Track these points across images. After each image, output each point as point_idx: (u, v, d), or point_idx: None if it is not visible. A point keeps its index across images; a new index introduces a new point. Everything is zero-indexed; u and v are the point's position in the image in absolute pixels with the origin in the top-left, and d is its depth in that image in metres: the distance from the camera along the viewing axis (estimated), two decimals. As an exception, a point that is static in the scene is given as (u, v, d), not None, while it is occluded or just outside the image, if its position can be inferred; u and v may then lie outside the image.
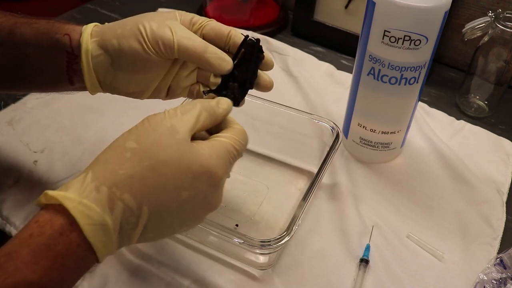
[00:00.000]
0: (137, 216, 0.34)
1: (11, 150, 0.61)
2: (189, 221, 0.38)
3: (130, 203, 0.33)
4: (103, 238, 0.33)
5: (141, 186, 0.34)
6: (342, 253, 0.52)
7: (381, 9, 0.50)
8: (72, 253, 0.32)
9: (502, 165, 0.64)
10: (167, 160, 0.34)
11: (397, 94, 0.56)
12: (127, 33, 0.41)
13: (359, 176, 0.61)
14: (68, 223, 0.32)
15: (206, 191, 0.36)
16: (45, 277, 0.30)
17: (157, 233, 0.36)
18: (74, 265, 0.32)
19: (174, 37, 0.40)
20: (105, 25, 0.44)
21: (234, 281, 0.49)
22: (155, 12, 0.45)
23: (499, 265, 0.50)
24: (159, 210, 0.34)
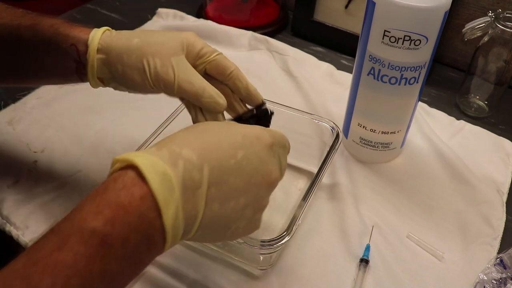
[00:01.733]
0: (199, 171, 0.34)
1: (11, 150, 0.61)
2: (251, 190, 0.37)
3: (190, 156, 0.34)
4: (166, 193, 0.32)
5: (199, 142, 0.35)
6: (342, 253, 0.52)
7: (381, 9, 0.50)
8: (135, 208, 0.31)
9: (502, 165, 0.64)
10: (217, 123, 0.39)
11: (397, 94, 0.56)
12: (131, 63, 0.43)
13: (359, 176, 0.61)
14: (131, 177, 0.32)
15: (259, 152, 0.37)
16: (107, 227, 0.30)
17: (222, 201, 0.35)
18: (136, 222, 0.31)
19: (175, 80, 0.42)
20: (112, 39, 0.44)
21: (234, 281, 0.49)
22: (161, 35, 0.44)
23: (499, 265, 0.50)
24: (219, 167, 0.35)
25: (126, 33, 0.45)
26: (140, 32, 0.45)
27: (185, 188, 0.33)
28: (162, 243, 0.33)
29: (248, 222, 0.38)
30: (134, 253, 0.31)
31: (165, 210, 0.32)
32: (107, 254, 0.30)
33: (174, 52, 0.43)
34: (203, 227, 0.35)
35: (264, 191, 0.38)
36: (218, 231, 0.37)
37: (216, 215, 0.35)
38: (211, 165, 0.34)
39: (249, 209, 0.37)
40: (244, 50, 0.83)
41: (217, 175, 0.34)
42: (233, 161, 0.36)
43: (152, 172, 0.32)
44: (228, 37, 0.83)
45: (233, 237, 0.39)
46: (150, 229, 0.32)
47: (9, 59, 0.49)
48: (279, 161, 0.40)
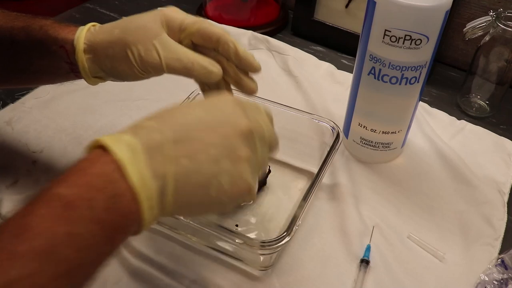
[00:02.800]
0: (160, 132, 0.34)
1: (10, 150, 0.61)
2: (221, 140, 0.35)
3: (150, 123, 0.34)
4: (127, 154, 0.32)
5: (159, 113, 0.36)
6: (342, 253, 0.52)
7: (382, 9, 0.50)
8: (97, 171, 0.31)
9: (504, 165, 0.64)
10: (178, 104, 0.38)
11: (398, 94, 0.55)
12: (117, 56, 0.44)
13: (359, 176, 0.60)
14: (97, 152, 0.33)
15: (221, 107, 0.37)
16: (69, 189, 0.30)
17: (191, 155, 0.34)
18: (100, 183, 0.31)
19: (162, 61, 0.43)
20: (95, 36, 0.45)
21: (234, 281, 0.49)
22: (140, 19, 0.45)
23: (500, 265, 0.50)
24: (180, 124, 0.35)
25: (108, 26, 0.45)
26: (121, 21, 0.45)
27: (148, 148, 0.33)
28: (136, 207, 0.32)
29: (230, 176, 0.35)
30: (104, 216, 0.31)
31: (128, 168, 0.32)
32: (71, 216, 0.29)
33: (154, 34, 0.43)
34: (180, 187, 0.34)
35: (237, 141, 0.36)
36: (200, 190, 0.35)
37: (189, 171, 0.34)
38: (171, 124, 0.35)
39: (225, 161, 0.35)
40: (244, 50, 0.82)
41: (179, 132, 0.34)
42: (192, 117, 0.36)
43: (113, 141, 0.33)
44: (228, 37, 0.83)
45: (221, 196, 0.36)
46: (117, 189, 0.31)
47: (5, 61, 0.49)
48: (251, 116, 0.38)
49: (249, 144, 0.36)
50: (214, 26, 0.44)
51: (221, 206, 0.37)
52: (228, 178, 0.35)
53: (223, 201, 0.36)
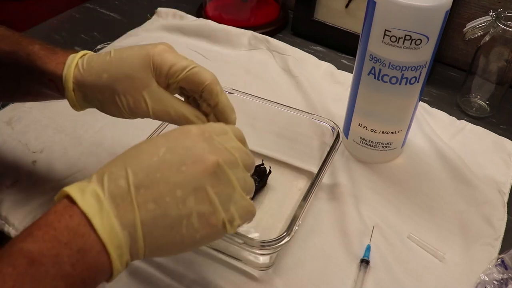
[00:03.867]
0: (124, 177, 0.34)
1: (10, 150, 0.61)
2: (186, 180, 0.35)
3: (114, 169, 0.34)
4: (93, 205, 0.32)
5: (122, 156, 0.36)
6: (342, 253, 0.52)
7: (382, 9, 0.50)
8: (64, 225, 0.31)
9: (504, 165, 0.64)
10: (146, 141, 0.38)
11: (398, 94, 0.55)
12: (106, 100, 0.44)
13: (359, 176, 0.60)
14: (63, 203, 0.33)
15: (184, 143, 0.36)
16: (34, 245, 0.30)
17: (156, 198, 0.34)
18: (66, 238, 0.31)
19: (150, 111, 0.43)
20: (84, 77, 0.44)
21: (234, 281, 0.49)
22: (129, 66, 0.43)
23: (500, 265, 0.50)
24: (143, 167, 0.34)
25: (96, 66, 0.44)
26: (108, 63, 0.43)
27: (113, 197, 0.33)
28: (107, 259, 0.32)
29: (200, 215, 0.35)
30: (71, 271, 0.31)
31: (95, 220, 0.32)
32: (36, 273, 0.29)
33: (143, 85, 0.43)
34: (149, 232, 0.34)
35: (204, 177, 0.35)
36: (170, 233, 0.34)
37: (156, 215, 0.34)
38: (134, 168, 0.34)
39: (193, 200, 0.35)
40: (244, 50, 0.82)
41: (142, 176, 0.34)
42: (156, 158, 0.35)
43: (79, 193, 0.33)
44: (228, 37, 0.83)
45: (193, 234, 0.35)
46: (84, 243, 0.31)
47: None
48: (217, 146, 0.37)
49: (218, 178, 0.36)
50: (202, 74, 0.43)
51: (195, 244, 0.36)
52: (197, 216, 0.35)
53: (196, 240, 0.35)
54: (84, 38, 0.84)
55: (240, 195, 0.37)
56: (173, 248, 0.36)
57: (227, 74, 0.76)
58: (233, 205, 0.37)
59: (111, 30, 0.85)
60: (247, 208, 0.38)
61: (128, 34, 0.84)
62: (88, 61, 0.44)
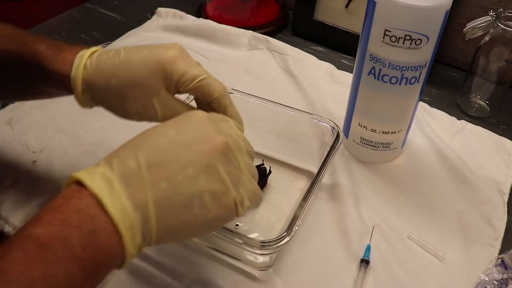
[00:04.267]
0: (134, 159, 0.33)
1: (10, 150, 0.61)
2: (197, 158, 0.35)
3: (123, 152, 0.34)
4: (104, 186, 0.32)
5: (132, 140, 0.36)
6: (342, 253, 0.52)
7: (382, 9, 0.50)
8: (73, 207, 0.31)
9: (504, 165, 0.64)
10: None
11: (398, 94, 0.55)
12: (114, 104, 0.44)
13: (359, 176, 0.60)
14: (72, 188, 0.32)
15: (192, 124, 0.36)
16: (43, 229, 0.30)
17: (168, 177, 0.33)
18: (76, 220, 0.30)
19: (159, 117, 0.43)
20: (93, 80, 0.43)
21: (234, 281, 0.49)
22: (139, 71, 0.42)
23: (500, 265, 0.50)
24: (153, 148, 0.34)
25: (105, 69, 0.42)
26: (118, 67, 0.42)
27: (123, 177, 0.32)
28: (117, 240, 0.32)
29: (212, 194, 0.35)
30: (82, 254, 0.30)
31: (105, 200, 0.31)
32: (46, 257, 0.29)
33: (153, 92, 0.42)
34: (162, 211, 0.33)
35: (214, 156, 0.35)
36: (183, 213, 0.34)
37: (169, 194, 0.33)
38: (144, 150, 0.34)
39: (204, 178, 0.34)
40: (244, 50, 0.82)
41: (153, 155, 0.34)
42: (165, 139, 0.35)
43: (88, 175, 0.32)
44: (228, 37, 0.83)
45: (206, 214, 0.35)
46: (94, 225, 0.31)
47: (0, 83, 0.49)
48: (223, 130, 0.38)
49: (227, 158, 0.36)
50: (211, 86, 0.43)
51: (207, 226, 0.36)
52: (210, 195, 0.35)
53: (208, 220, 0.35)
54: (84, 38, 0.84)
55: (248, 178, 0.37)
56: (186, 230, 0.35)
57: (227, 74, 0.76)
58: (242, 187, 0.37)
59: (111, 30, 0.85)
60: (255, 191, 0.38)
61: (128, 34, 0.84)
62: (97, 62, 0.43)
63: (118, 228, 0.31)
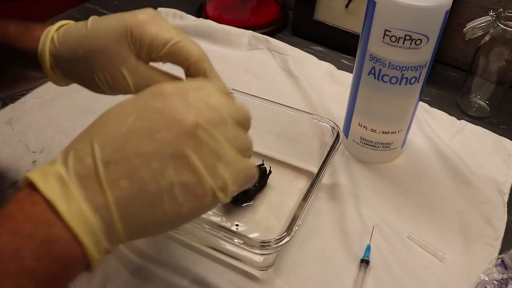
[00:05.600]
0: (90, 155, 0.30)
1: (10, 150, 0.61)
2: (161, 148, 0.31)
3: (79, 145, 0.31)
4: (58, 190, 0.29)
5: (88, 129, 0.32)
6: (342, 253, 0.52)
7: (382, 9, 0.50)
8: (25, 214, 0.28)
9: (504, 165, 0.64)
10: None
11: (398, 94, 0.55)
12: (85, 76, 0.41)
13: (359, 176, 0.60)
14: (25, 191, 0.30)
15: (156, 105, 0.32)
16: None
17: (129, 174, 0.30)
18: (28, 230, 0.28)
19: (131, 86, 0.40)
20: (59, 52, 0.41)
21: (234, 281, 0.49)
22: (103, 38, 0.39)
23: (500, 265, 0.50)
24: (110, 140, 0.31)
25: (71, 40, 0.40)
26: (84, 36, 0.40)
27: (80, 178, 0.29)
28: (79, 249, 0.29)
29: (183, 186, 0.31)
30: (36, 266, 0.27)
31: (60, 206, 0.28)
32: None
33: (121, 60, 0.39)
34: (126, 212, 0.30)
35: (183, 143, 0.31)
36: (151, 211, 0.31)
37: (132, 193, 0.30)
38: (101, 142, 0.30)
39: (171, 170, 0.30)
40: (244, 50, 0.82)
41: (110, 150, 0.30)
42: (124, 128, 0.31)
43: (41, 177, 0.29)
44: (228, 37, 0.83)
45: (178, 209, 0.31)
46: (49, 233, 0.28)
47: None
48: (196, 104, 0.32)
49: (200, 141, 0.31)
50: (187, 49, 0.39)
51: (182, 220, 0.33)
52: (180, 188, 0.31)
53: (182, 215, 0.32)
54: (84, 38, 0.84)
55: (232, 157, 0.32)
56: (158, 227, 0.32)
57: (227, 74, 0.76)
58: (225, 170, 0.32)
59: (111, 30, 0.85)
60: (244, 171, 0.33)
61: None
62: (64, 34, 0.41)
63: (78, 235, 0.29)
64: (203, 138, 0.31)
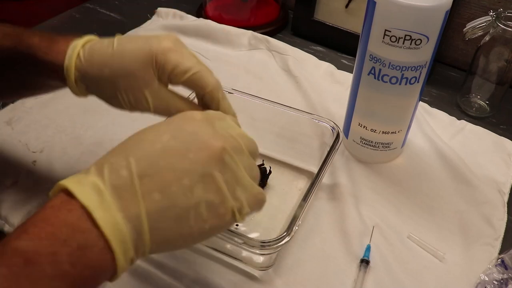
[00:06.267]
0: (125, 167, 0.32)
1: (10, 150, 0.61)
2: (193, 167, 0.33)
3: (114, 159, 0.33)
4: (95, 198, 0.30)
5: (123, 145, 0.34)
6: (342, 253, 0.52)
7: (382, 9, 0.50)
8: (62, 220, 0.29)
9: (504, 165, 0.64)
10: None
11: (398, 94, 0.55)
12: (108, 94, 0.43)
13: (359, 176, 0.60)
14: (61, 198, 0.31)
15: (188, 129, 0.35)
16: (30, 243, 0.28)
17: (162, 188, 0.32)
18: (65, 235, 0.29)
19: (151, 108, 0.42)
20: (85, 69, 0.42)
21: (234, 281, 0.49)
22: (132, 61, 0.41)
23: (500, 265, 0.50)
24: (146, 155, 0.33)
25: (98, 59, 0.42)
26: (110, 57, 0.42)
27: (115, 188, 0.31)
28: (109, 256, 0.30)
29: (208, 204, 0.33)
30: (70, 271, 0.29)
31: (96, 214, 0.30)
32: (33, 273, 0.27)
33: (145, 83, 0.41)
34: (156, 224, 0.32)
35: (211, 164, 0.33)
36: (178, 225, 0.33)
37: (163, 206, 0.32)
38: (137, 156, 0.32)
39: (200, 188, 0.33)
40: (244, 50, 0.82)
41: (145, 164, 0.32)
42: (159, 145, 0.33)
43: (77, 185, 0.31)
44: (228, 37, 0.83)
45: (202, 225, 0.34)
46: (85, 239, 0.29)
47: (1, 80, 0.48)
48: (222, 132, 0.36)
49: (225, 165, 0.34)
50: (204, 79, 0.42)
51: (203, 236, 0.35)
52: (206, 206, 0.33)
53: (204, 231, 0.34)
54: (84, 38, 0.84)
55: (249, 182, 0.36)
56: (181, 241, 0.34)
57: (227, 74, 0.76)
58: (242, 193, 0.35)
59: (111, 30, 0.85)
60: (256, 196, 0.37)
61: (128, 34, 0.84)
62: (90, 51, 0.43)
63: (110, 243, 0.30)
64: (228, 163, 0.34)
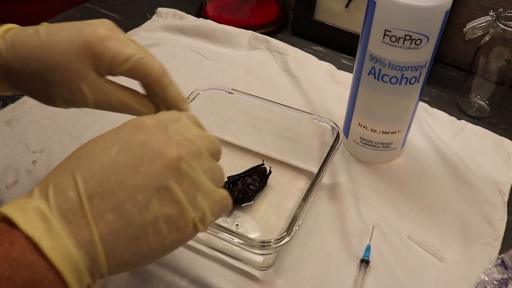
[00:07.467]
0: (73, 188, 0.29)
1: (10, 150, 0.61)
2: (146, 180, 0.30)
3: (60, 179, 0.30)
4: (41, 226, 0.27)
5: (69, 160, 0.32)
6: (342, 253, 0.52)
7: (382, 9, 0.50)
8: (4, 255, 0.27)
9: (504, 165, 0.64)
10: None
11: (398, 94, 0.55)
12: (37, 91, 0.39)
13: (359, 176, 0.60)
14: (1, 227, 0.28)
15: (139, 138, 0.32)
16: None
17: (114, 207, 0.29)
18: (9, 272, 0.26)
19: (89, 102, 0.39)
20: (7, 62, 0.38)
21: (234, 281, 0.49)
22: (63, 52, 0.37)
23: (500, 265, 0.50)
24: (94, 173, 0.30)
25: (23, 51, 0.37)
26: (38, 48, 0.37)
27: (63, 212, 0.28)
28: (62, 287, 0.28)
29: (166, 219, 0.31)
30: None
31: (44, 244, 0.27)
32: None
33: (80, 76, 0.37)
34: (111, 247, 0.29)
35: (166, 175, 0.31)
36: (136, 244, 0.30)
37: (117, 226, 0.29)
38: (84, 174, 0.30)
39: (155, 203, 0.30)
40: (244, 50, 0.82)
41: (94, 183, 0.30)
42: (108, 160, 0.30)
43: (19, 212, 0.28)
44: (228, 37, 0.83)
45: (162, 241, 0.31)
46: (32, 274, 0.26)
47: None
48: (176, 137, 0.33)
49: (182, 174, 0.32)
50: (147, 67, 0.38)
51: (164, 252, 0.32)
52: (164, 221, 0.31)
53: (165, 247, 0.32)
54: (84, 38, 0.84)
55: (210, 188, 0.33)
56: (141, 260, 0.32)
57: (227, 74, 0.76)
58: (203, 201, 0.33)
59: (111, 30, 0.85)
60: (220, 202, 0.34)
61: (128, 34, 0.83)
62: (13, 42, 0.38)
63: (62, 274, 0.27)
64: (185, 170, 0.32)
